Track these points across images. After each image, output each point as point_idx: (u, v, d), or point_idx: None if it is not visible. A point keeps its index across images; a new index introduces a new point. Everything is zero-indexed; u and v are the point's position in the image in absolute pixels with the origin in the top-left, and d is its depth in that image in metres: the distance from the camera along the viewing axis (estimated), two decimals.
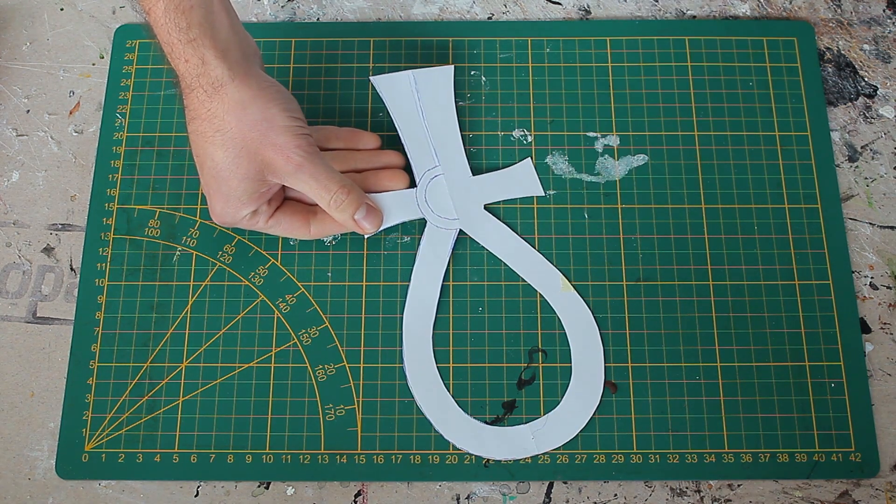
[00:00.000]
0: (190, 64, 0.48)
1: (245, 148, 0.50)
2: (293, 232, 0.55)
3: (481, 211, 0.58)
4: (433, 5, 0.65)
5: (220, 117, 0.49)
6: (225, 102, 0.49)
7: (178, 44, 0.48)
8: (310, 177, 0.52)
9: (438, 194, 0.58)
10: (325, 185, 0.52)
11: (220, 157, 0.50)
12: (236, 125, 0.49)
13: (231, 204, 0.52)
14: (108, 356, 0.55)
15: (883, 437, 0.54)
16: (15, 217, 0.59)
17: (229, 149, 0.50)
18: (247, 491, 0.53)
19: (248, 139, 0.50)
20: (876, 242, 0.58)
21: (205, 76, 0.49)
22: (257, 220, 0.54)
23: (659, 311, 0.56)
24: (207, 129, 0.50)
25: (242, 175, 0.51)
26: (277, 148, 0.50)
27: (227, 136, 0.50)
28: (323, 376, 0.55)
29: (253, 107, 0.50)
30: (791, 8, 0.65)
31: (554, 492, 0.53)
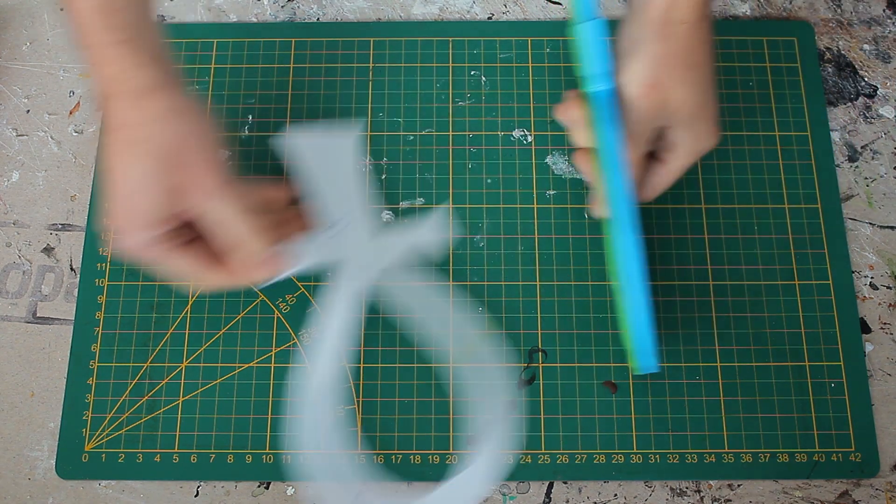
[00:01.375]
0: (116, 67, 0.45)
1: (166, 160, 0.46)
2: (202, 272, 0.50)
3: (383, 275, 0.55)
4: (433, 5, 0.65)
5: (146, 126, 0.45)
6: (152, 110, 0.46)
7: (104, 45, 0.45)
8: (226, 204, 0.47)
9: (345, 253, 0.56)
10: (241, 218, 0.48)
11: (136, 167, 0.46)
12: (161, 135, 0.46)
13: (140, 226, 0.47)
14: (108, 356, 0.55)
15: (883, 437, 0.54)
16: (15, 217, 0.59)
17: (150, 159, 0.46)
18: (247, 491, 0.53)
19: (172, 150, 0.46)
20: (876, 242, 0.58)
21: (133, 80, 0.45)
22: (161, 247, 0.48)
23: (659, 311, 0.56)
24: (130, 136, 0.46)
25: (156, 188, 0.46)
26: (199, 165, 0.46)
27: (150, 144, 0.46)
28: None
29: (182, 118, 0.46)
30: (791, 8, 0.65)
31: (554, 492, 0.53)
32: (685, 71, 0.49)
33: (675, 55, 0.49)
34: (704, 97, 0.50)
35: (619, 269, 0.51)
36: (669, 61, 0.49)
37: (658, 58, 0.49)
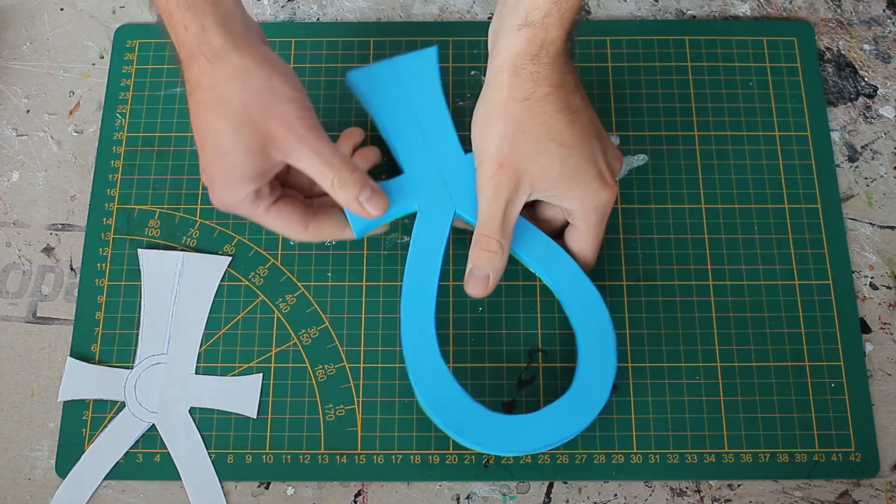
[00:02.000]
0: (189, 31, 0.47)
1: (247, 117, 0.47)
2: (290, 228, 0.52)
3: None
4: (433, 5, 0.65)
5: (222, 85, 0.47)
6: (227, 70, 0.47)
7: (176, 10, 0.46)
8: (312, 152, 0.48)
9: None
10: (329, 161, 0.49)
11: (222, 127, 0.47)
12: (239, 94, 0.47)
13: (232, 182, 0.49)
14: (108, 356, 0.55)
15: (883, 437, 0.54)
16: (15, 217, 0.59)
17: (231, 119, 0.47)
18: (247, 491, 0.53)
19: (250, 108, 0.47)
20: (876, 242, 0.58)
21: (206, 44, 0.47)
22: (258, 205, 0.50)
23: (659, 311, 0.56)
24: (210, 98, 0.47)
25: (244, 147, 0.47)
26: (280, 118, 0.47)
27: (229, 105, 0.47)
28: (323, 376, 0.55)
29: (256, 75, 0.47)
30: (791, 8, 0.65)
31: (554, 492, 0.53)
32: (535, 145, 0.49)
33: (522, 132, 0.49)
34: (567, 162, 0.49)
35: None
36: (516, 138, 0.49)
37: (502, 138, 0.49)
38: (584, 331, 0.52)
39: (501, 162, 0.49)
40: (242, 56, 0.47)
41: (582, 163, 0.50)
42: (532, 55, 0.48)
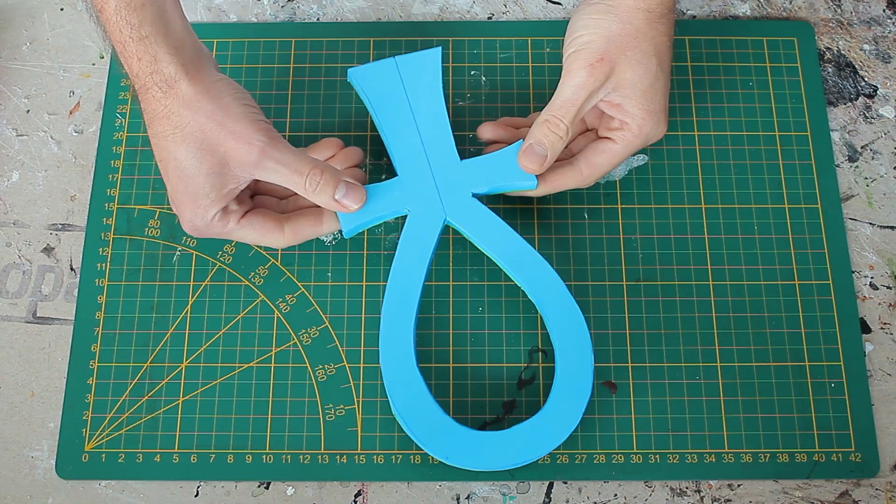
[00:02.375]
0: (143, 62, 0.48)
1: (205, 141, 0.48)
2: (267, 235, 0.52)
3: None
4: (433, 5, 0.65)
5: (176, 113, 0.48)
6: (180, 98, 0.48)
7: (129, 42, 0.47)
8: (276, 162, 0.49)
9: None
10: (296, 168, 0.49)
11: (181, 154, 0.48)
12: (192, 119, 0.48)
13: (200, 205, 0.50)
14: (108, 356, 0.55)
15: (883, 437, 0.54)
16: (15, 217, 0.59)
17: (189, 144, 0.48)
18: (247, 491, 0.53)
19: (206, 131, 0.48)
20: (876, 242, 0.58)
21: (158, 73, 0.48)
22: (227, 221, 0.51)
23: (659, 311, 0.56)
24: (166, 127, 0.48)
25: (207, 171, 0.49)
26: (237, 135, 0.48)
27: (185, 131, 0.48)
28: (323, 376, 0.55)
29: (206, 98, 0.48)
30: (791, 8, 0.65)
31: (554, 492, 0.53)
32: (639, 54, 0.50)
33: (632, 37, 0.50)
34: (656, 84, 0.51)
35: None
36: (624, 41, 0.50)
37: (612, 36, 0.50)
38: (562, 348, 0.52)
39: (604, 56, 0.50)
40: (192, 82, 0.48)
41: (664, 91, 0.52)
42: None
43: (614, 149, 0.53)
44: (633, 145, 0.52)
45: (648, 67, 0.51)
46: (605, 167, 0.53)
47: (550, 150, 0.52)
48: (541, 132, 0.52)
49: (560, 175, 0.53)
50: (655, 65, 0.51)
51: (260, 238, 0.52)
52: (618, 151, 0.53)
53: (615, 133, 0.52)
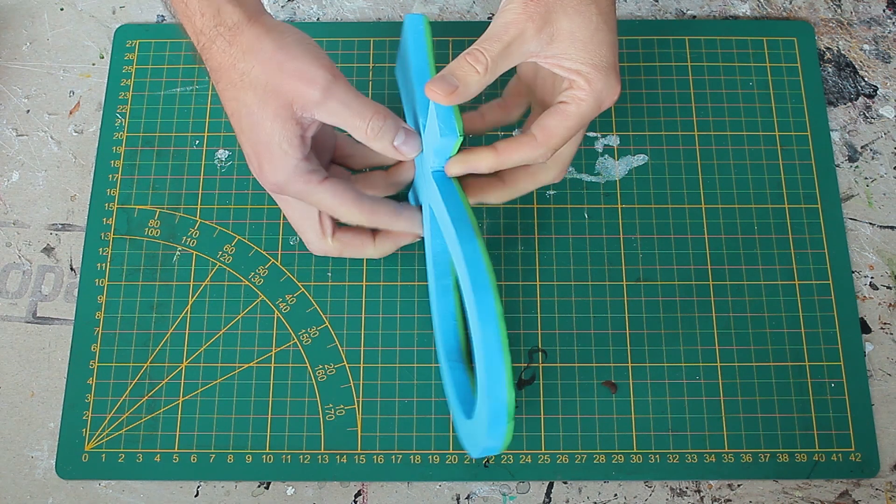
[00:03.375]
0: (206, 17, 0.47)
1: (269, 84, 0.47)
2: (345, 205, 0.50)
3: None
4: (433, 5, 0.65)
5: (241, 59, 0.47)
6: (243, 44, 0.47)
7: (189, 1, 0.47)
8: (339, 103, 0.47)
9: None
10: (359, 111, 0.48)
11: (249, 99, 0.47)
12: (256, 62, 0.47)
13: (275, 155, 0.48)
14: (108, 356, 0.55)
15: (883, 437, 0.54)
16: (15, 217, 0.59)
17: (255, 89, 0.47)
18: (247, 491, 0.53)
19: (269, 74, 0.47)
20: (876, 242, 0.58)
21: (222, 24, 0.47)
22: (310, 178, 0.49)
23: (659, 311, 0.56)
24: (234, 76, 0.47)
25: (273, 114, 0.47)
26: (299, 74, 0.47)
27: (251, 76, 0.47)
28: (323, 376, 0.55)
29: (268, 41, 0.47)
30: (791, 8, 0.65)
31: (554, 492, 0.53)
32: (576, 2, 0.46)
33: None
34: (598, 35, 0.46)
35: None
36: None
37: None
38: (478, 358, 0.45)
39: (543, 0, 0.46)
40: (254, 27, 0.47)
41: (609, 45, 0.47)
42: None
43: (567, 109, 0.47)
44: (586, 104, 0.47)
45: (587, 16, 0.46)
46: (559, 130, 0.47)
47: (462, 81, 0.47)
48: (457, 62, 0.47)
49: (512, 143, 0.48)
50: (594, 14, 0.46)
51: (337, 205, 0.50)
52: (571, 112, 0.47)
53: (566, 94, 0.48)
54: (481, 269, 0.44)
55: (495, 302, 0.43)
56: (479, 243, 0.45)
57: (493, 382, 0.43)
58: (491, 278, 0.44)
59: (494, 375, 0.43)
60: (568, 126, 0.47)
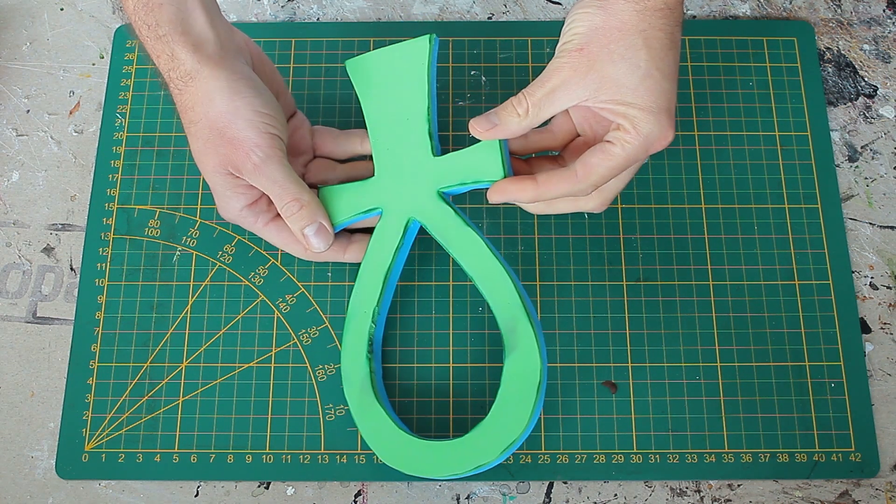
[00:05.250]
0: (161, 59, 0.49)
1: (212, 140, 0.49)
2: (289, 245, 0.53)
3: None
4: (433, 5, 0.65)
5: (192, 109, 0.49)
6: (194, 95, 0.49)
7: (149, 40, 0.49)
8: (267, 180, 0.50)
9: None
10: (279, 193, 0.51)
11: (196, 147, 0.50)
12: (203, 116, 0.49)
13: (222, 200, 0.52)
14: (108, 356, 0.55)
15: (883, 437, 0.54)
16: (15, 217, 0.59)
17: (202, 140, 0.49)
18: (247, 491, 0.53)
19: (213, 130, 0.49)
20: (876, 242, 0.58)
21: (175, 70, 0.49)
22: (255, 220, 0.52)
23: (659, 311, 0.56)
24: (185, 120, 0.50)
25: (213, 167, 0.50)
26: (238, 143, 0.49)
27: (198, 126, 0.49)
28: (323, 376, 0.55)
29: (219, 97, 0.49)
30: (791, 8, 0.65)
31: (554, 492, 0.53)
32: (623, 48, 0.46)
33: (616, 29, 0.46)
34: (647, 81, 0.46)
35: None
36: (608, 35, 0.46)
37: (596, 28, 0.47)
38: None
39: (584, 48, 0.47)
40: (207, 80, 0.48)
41: (662, 90, 0.47)
42: None
43: (611, 150, 0.47)
44: (631, 147, 0.47)
45: (635, 63, 0.46)
46: (600, 169, 0.48)
47: (502, 121, 0.48)
48: (504, 104, 0.49)
49: (553, 176, 0.49)
50: (644, 60, 0.46)
51: (283, 245, 0.54)
52: (615, 153, 0.47)
53: (612, 134, 0.48)
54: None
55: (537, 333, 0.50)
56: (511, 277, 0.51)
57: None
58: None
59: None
60: (610, 166, 0.48)
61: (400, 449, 0.50)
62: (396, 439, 0.50)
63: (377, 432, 0.51)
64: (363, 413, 0.51)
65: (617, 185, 0.51)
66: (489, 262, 0.51)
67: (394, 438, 0.50)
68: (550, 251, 0.57)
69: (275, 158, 0.50)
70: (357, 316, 0.53)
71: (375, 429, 0.51)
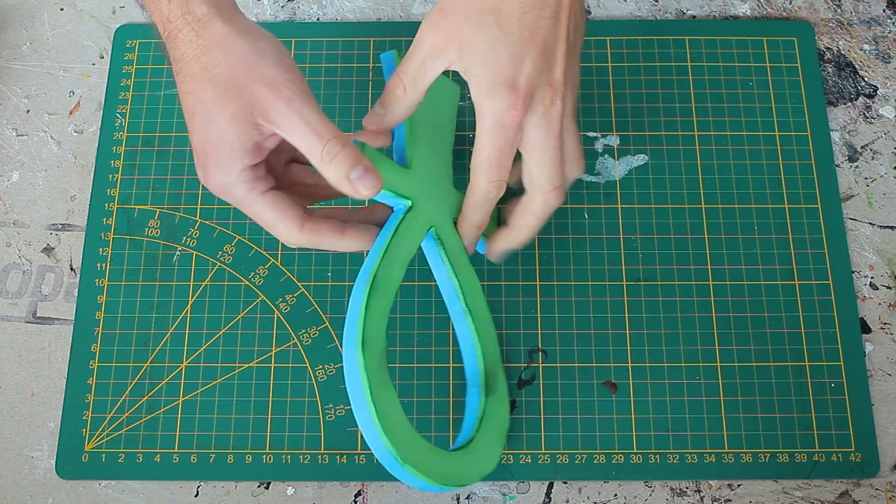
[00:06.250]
0: (174, 4, 0.45)
1: (233, 82, 0.44)
2: (284, 221, 0.47)
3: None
4: (433, 5, 0.65)
5: (207, 53, 0.45)
6: (211, 38, 0.45)
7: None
8: (300, 119, 0.44)
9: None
10: (319, 131, 0.44)
11: (208, 95, 0.45)
12: (224, 57, 0.45)
13: (223, 156, 0.45)
14: (108, 356, 0.55)
15: (883, 437, 0.54)
16: (15, 217, 0.59)
17: (216, 85, 0.44)
18: (247, 491, 0.53)
19: (235, 72, 0.45)
20: (876, 242, 0.58)
21: (190, 13, 0.45)
22: (253, 186, 0.46)
23: (659, 311, 0.56)
24: (194, 68, 0.45)
25: (231, 113, 0.44)
26: (267, 80, 0.44)
27: (214, 71, 0.45)
28: (323, 376, 0.55)
29: (241, 40, 0.45)
30: (791, 8, 0.65)
31: (554, 492, 0.53)
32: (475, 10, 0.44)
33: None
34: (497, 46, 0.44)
35: None
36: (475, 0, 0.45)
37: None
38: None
39: (444, 7, 0.46)
40: (226, 23, 0.45)
41: (504, 57, 0.44)
42: None
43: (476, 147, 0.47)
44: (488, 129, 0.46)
45: (485, 25, 0.44)
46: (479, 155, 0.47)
47: (388, 107, 0.47)
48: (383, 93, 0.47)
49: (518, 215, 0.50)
50: (493, 23, 0.44)
51: (276, 222, 0.47)
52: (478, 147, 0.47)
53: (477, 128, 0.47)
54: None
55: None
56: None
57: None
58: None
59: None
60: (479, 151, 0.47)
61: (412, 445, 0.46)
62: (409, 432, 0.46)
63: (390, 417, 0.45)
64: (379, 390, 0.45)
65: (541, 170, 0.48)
66: (483, 305, 0.52)
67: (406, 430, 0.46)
68: (550, 251, 0.57)
69: (307, 95, 0.45)
70: (383, 286, 0.47)
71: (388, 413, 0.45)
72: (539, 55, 0.45)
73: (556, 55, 0.46)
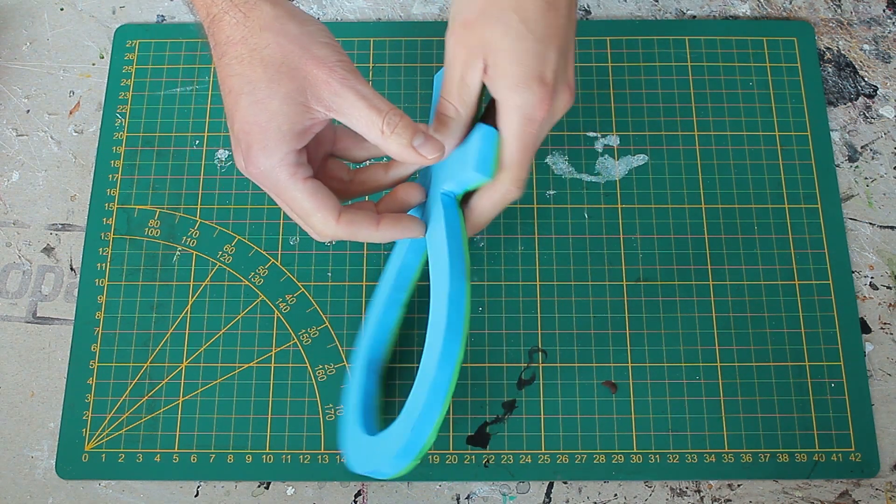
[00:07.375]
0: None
1: (285, 63, 0.44)
2: (322, 210, 0.46)
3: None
4: (433, 5, 0.65)
5: (256, 35, 0.45)
6: (262, 19, 0.45)
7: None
8: (357, 95, 0.44)
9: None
10: (376, 104, 0.45)
11: (258, 76, 0.44)
12: (274, 39, 0.44)
13: (270, 138, 0.44)
14: (108, 356, 0.55)
15: (883, 437, 0.54)
16: (15, 217, 0.59)
17: (267, 66, 0.44)
18: (247, 491, 0.53)
19: (287, 54, 0.44)
20: (876, 242, 0.58)
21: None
22: (296, 171, 0.45)
23: (659, 311, 0.56)
24: (243, 51, 0.45)
25: (283, 95, 0.44)
26: (319, 61, 0.44)
27: (265, 52, 0.44)
28: (323, 376, 0.55)
29: (291, 22, 0.45)
30: (791, 8, 0.65)
31: (554, 492, 0.53)
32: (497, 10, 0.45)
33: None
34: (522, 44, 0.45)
35: None
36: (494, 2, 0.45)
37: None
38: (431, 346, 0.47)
39: (466, 19, 0.46)
40: (275, 6, 0.46)
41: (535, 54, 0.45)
42: None
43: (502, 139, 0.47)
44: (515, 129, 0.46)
45: (508, 23, 0.45)
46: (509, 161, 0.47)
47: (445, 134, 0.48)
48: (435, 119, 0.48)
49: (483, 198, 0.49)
50: (516, 21, 0.45)
51: (313, 211, 0.46)
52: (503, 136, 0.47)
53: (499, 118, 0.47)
54: (460, 312, 0.45)
55: (460, 351, 0.45)
56: (467, 285, 0.46)
57: (423, 422, 0.45)
58: (465, 324, 0.45)
59: (427, 416, 0.45)
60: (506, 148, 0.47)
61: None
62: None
63: None
64: None
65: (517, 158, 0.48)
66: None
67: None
68: (550, 251, 0.57)
69: (358, 74, 0.45)
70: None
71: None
72: (559, 54, 0.46)
73: (569, 56, 0.47)
